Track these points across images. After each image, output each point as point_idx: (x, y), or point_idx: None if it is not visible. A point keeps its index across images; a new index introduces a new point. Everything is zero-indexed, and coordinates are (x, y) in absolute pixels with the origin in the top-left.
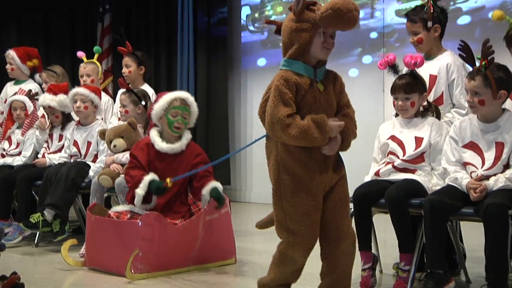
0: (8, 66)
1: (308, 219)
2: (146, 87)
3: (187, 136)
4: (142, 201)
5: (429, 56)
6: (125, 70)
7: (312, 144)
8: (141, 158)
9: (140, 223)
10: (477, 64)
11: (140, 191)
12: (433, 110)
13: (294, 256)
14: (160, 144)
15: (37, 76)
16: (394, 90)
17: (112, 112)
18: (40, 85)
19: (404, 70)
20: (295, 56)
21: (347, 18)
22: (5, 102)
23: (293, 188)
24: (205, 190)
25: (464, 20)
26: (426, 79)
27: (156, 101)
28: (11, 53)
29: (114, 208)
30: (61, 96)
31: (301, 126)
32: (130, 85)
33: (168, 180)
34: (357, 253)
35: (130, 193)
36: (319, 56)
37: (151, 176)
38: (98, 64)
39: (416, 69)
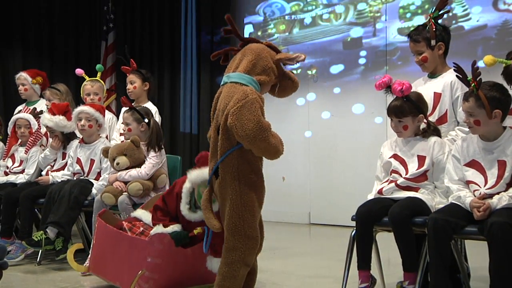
0: (20, 88)
1: (258, 225)
2: (149, 105)
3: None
4: None
5: (433, 74)
6: (129, 86)
7: (275, 156)
8: (171, 207)
9: (150, 242)
10: None
11: (164, 229)
12: (432, 131)
13: (248, 260)
14: (184, 210)
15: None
16: (388, 112)
17: (115, 129)
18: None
19: None
20: (260, 83)
21: (291, 92)
22: None
23: (252, 197)
24: None
25: (466, 38)
26: (431, 97)
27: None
28: (23, 75)
29: (135, 213)
30: (58, 118)
31: (278, 138)
32: (134, 102)
33: (199, 229)
34: (356, 271)
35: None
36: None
37: (176, 228)
38: (102, 82)
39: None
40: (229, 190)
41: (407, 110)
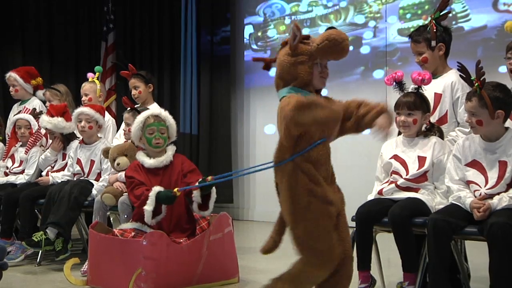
0: (11, 89)
1: (331, 238)
2: (155, 106)
3: (172, 148)
4: (153, 215)
5: (434, 75)
6: (134, 92)
7: (335, 116)
8: (138, 177)
9: (144, 242)
10: None
11: (148, 207)
12: (435, 130)
13: (320, 275)
14: (149, 162)
15: (39, 93)
16: (398, 106)
17: (112, 131)
18: (44, 102)
19: (411, 88)
20: (299, 86)
21: (341, 47)
22: None
23: (315, 208)
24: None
25: (466, 39)
26: (431, 98)
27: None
28: (13, 75)
29: (121, 226)
30: (57, 119)
31: (319, 100)
32: (140, 105)
33: (176, 190)
34: (355, 272)
35: (137, 212)
36: (318, 86)
37: (156, 189)
38: (97, 83)
39: (423, 86)
40: (286, 198)
41: (419, 104)
